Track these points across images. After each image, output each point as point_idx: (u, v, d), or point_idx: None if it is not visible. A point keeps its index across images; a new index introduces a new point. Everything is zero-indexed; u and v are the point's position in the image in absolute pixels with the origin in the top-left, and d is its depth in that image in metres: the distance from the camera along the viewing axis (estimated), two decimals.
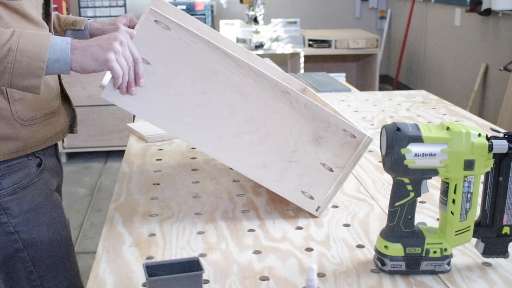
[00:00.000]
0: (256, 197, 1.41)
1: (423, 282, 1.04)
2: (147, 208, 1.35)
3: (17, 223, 1.33)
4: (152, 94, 1.20)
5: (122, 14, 4.71)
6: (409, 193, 1.04)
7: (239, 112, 1.22)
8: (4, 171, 1.31)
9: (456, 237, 1.05)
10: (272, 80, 1.20)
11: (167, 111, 1.22)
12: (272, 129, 1.24)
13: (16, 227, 1.33)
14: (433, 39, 5.54)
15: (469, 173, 1.01)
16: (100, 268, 1.09)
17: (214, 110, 1.22)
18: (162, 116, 1.22)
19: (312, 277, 0.82)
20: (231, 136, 1.23)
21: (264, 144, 1.25)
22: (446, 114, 2.14)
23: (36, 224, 1.35)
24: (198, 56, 1.18)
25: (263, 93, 1.21)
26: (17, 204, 1.33)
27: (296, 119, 1.23)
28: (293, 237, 1.21)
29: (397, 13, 6.48)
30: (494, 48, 4.37)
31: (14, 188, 1.32)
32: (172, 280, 0.91)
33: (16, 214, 1.33)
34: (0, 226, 1.32)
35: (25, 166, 1.34)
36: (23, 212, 1.33)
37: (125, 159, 1.70)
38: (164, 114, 1.22)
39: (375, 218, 1.30)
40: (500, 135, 1.04)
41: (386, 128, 1.02)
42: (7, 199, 1.31)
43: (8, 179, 1.31)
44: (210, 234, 1.22)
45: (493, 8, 4.15)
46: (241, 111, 1.22)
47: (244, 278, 1.05)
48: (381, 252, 1.06)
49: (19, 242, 1.34)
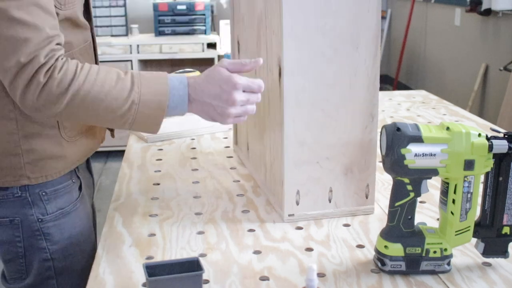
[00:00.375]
0: (256, 197, 1.41)
1: (423, 282, 1.04)
2: (147, 208, 1.35)
3: (54, 250, 1.28)
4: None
5: (122, 14, 4.71)
6: (409, 193, 1.04)
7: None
8: (50, 195, 1.26)
9: (456, 237, 1.05)
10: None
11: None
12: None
13: (52, 254, 1.28)
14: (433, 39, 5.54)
15: (469, 173, 1.01)
16: (100, 268, 1.09)
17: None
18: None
19: (312, 277, 0.82)
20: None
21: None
22: (446, 114, 2.14)
23: (72, 252, 1.30)
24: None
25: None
26: (59, 231, 1.27)
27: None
28: (293, 237, 1.21)
29: (397, 13, 6.47)
30: (494, 48, 4.37)
31: (58, 214, 1.27)
32: (172, 280, 0.91)
33: (56, 241, 1.27)
34: (38, 251, 1.27)
35: (69, 191, 1.29)
36: (63, 239, 1.28)
37: (125, 159, 1.70)
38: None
39: (375, 218, 1.29)
40: (500, 135, 1.04)
41: (386, 128, 1.02)
42: (49, 225, 1.26)
43: (53, 204, 1.26)
44: (210, 234, 1.22)
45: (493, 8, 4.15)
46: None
47: (244, 278, 1.05)
48: (381, 252, 1.06)
49: (52, 270, 1.29)
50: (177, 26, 4.75)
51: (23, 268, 1.29)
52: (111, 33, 4.72)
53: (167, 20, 4.73)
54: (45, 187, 1.24)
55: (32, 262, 1.27)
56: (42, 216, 1.25)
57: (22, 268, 1.29)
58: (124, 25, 4.75)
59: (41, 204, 1.25)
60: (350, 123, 1.25)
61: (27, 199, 1.24)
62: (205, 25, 4.78)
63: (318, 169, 1.26)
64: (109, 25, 4.71)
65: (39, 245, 1.26)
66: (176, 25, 4.75)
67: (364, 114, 1.25)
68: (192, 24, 4.76)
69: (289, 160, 1.24)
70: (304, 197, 1.27)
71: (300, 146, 1.24)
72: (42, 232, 1.26)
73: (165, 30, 4.74)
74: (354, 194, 1.29)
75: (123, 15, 4.73)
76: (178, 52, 4.51)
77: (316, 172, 1.26)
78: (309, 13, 1.17)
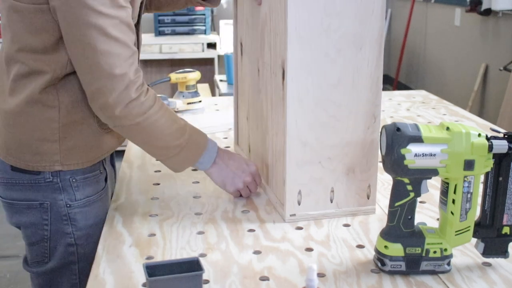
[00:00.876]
0: (256, 197, 1.41)
1: (423, 282, 1.04)
2: (147, 208, 1.35)
3: (79, 236, 1.33)
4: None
5: None
6: (409, 193, 1.04)
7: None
8: (80, 183, 1.32)
9: (456, 237, 1.05)
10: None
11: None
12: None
13: (77, 239, 1.33)
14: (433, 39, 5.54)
15: (469, 173, 1.01)
16: (100, 268, 1.09)
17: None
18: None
19: (312, 277, 0.82)
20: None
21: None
22: (446, 114, 2.14)
23: (95, 239, 1.32)
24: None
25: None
26: (84, 217, 1.33)
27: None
28: (293, 237, 1.21)
29: (397, 13, 6.47)
30: (494, 48, 4.37)
31: (85, 201, 1.33)
32: (172, 280, 0.91)
33: (81, 227, 1.33)
34: (64, 236, 1.32)
35: (98, 181, 1.35)
36: (87, 227, 1.34)
37: (125, 159, 1.70)
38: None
39: (375, 218, 1.29)
40: (500, 135, 1.04)
41: (386, 128, 1.02)
42: (76, 211, 1.32)
43: (82, 191, 1.32)
44: (210, 234, 1.22)
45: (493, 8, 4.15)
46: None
47: (244, 278, 1.05)
48: (381, 252, 1.06)
49: (75, 255, 1.34)
50: (177, 26, 4.75)
51: (47, 251, 1.34)
52: None
53: (167, 20, 4.73)
54: (76, 174, 1.31)
55: (57, 246, 1.33)
56: (71, 202, 1.31)
57: (46, 251, 1.34)
58: None
59: (71, 190, 1.31)
60: (352, 123, 1.25)
61: (58, 184, 1.30)
62: (205, 25, 4.78)
63: (320, 169, 1.26)
64: None
65: (65, 230, 1.32)
66: (176, 25, 4.75)
67: (367, 115, 1.25)
68: (192, 24, 4.76)
69: (291, 160, 1.24)
70: (306, 197, 1.27)
71: (303, 146, 1.24)
72: (69, 217, 1.32)
73: (165, 30, 4.74)
74: (355, 195, 1.29)
75: None
76: (178, 52, 4.50)
77: (318, 172, 1.26)
78: (313, 14, 1.17)
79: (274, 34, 1.27)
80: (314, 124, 1.23)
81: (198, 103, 2.17)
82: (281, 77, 1.23)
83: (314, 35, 1.18)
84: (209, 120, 2.03)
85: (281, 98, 1.25)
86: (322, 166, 1.26)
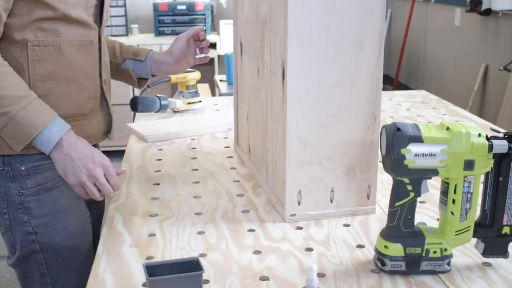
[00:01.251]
0: (256, 197, 1.41)
1: (423, 282, 1.04)
2: (147, 208, 1.35)
3: (36, 224, 1.32)
4: None
5: (122, 14, 4.71)
6: (409, 193, 1.04)
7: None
8: (30, 171, 1.30)
9: (456, 237, 1.05)
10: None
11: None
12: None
13: (35, 228, 1.32)
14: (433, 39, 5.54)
15: (469, 173, 1.01)
16: (100, 268, 1.09)
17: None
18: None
19: (312, 277, 0.82)
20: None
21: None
22: (446, 114, 2.14)
23: (56, 227, 1.34)
24: None
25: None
26: (39, 205, 1.32)
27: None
28: (293, 237, 1.21)
29: (397, 13, 6.47)
30: (494, 48, 4.37)
31: (38, 189, 1.32)
32: (172, 280, 0.91)
33: (37, 215, 1.32)
34: (21, 225, 1.32)
35: (52, 168, 1.29)
36: (44, 214, 1.32)
37: (125, 159, 1.70)
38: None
39: (375, 218, 1.29)
40: (500, 135, 1.04)
41: (386, 128, 1.02)
42: (29, 199, 1.31)
43: (33, 179, 1.31)
44: (210, 234, 1.22)
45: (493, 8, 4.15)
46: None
47: (244, 278, 1.05)
48: (381, 252, 1.06)
49: (37, 244, 1.34)
50: (177, 26, 4.74)
51: (12, 241, 1.35)
52: (111, 33, 4.72)
53: (167, 20, 4.73)
54: (25, 162, 1.29)
55: (17, 235, 1.33)
56: (23, 190, 1.30)
57: (11, 241, 1.35)
58: (124, 25, 4.75)
59: (21, 178, 1.30)
60: (352, 123, 1.25)
61: (9, 173, 1.29)
62: (205, 25, 4.78)
63: (320, 169, 1.26)
64: (109, 25, 4.71)
65: (21, 219, 1.31)
66: (176, 25, 4.75)
67: (367, 115, 1.25)
68: (192, 24, 4.76)
69: (291, 160, 1.24)
70: (306, 197, 1.27)
71: (303, 146, 1.24)
72: (23, 206, 1.31)
73: (165, 30, 4.74)
74: (355, 195, 1.29)
75: (123, 15, 4.73)
76: None
77: (318, 172, 1.26)
78: (313, 14, 1.17)
79: (274, 34, 1.27)
80: (314, 124, 1.23)
81: (198, 103, 2.17)
82: (281, 77, 1.23)
83: (314, 35, 1.18)
84: (209, 120, 2.04)
85: (281, 98, 1.25)
86: (322, 166, 1.26)
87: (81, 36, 1.34)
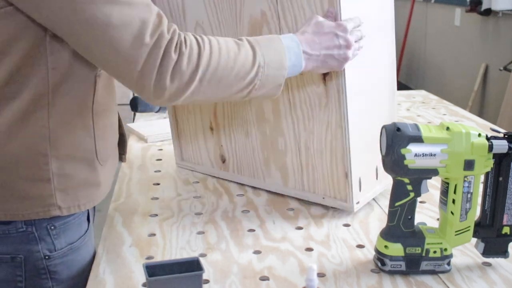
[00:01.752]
0: (256, 197, 1.41)
1: (423, 282, 1.04)
2: (147, 208, 1.35)
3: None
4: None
5: None
6: (409, 193, 1.04)
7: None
8: (60, 229, 1.09)
9: (456, 237, 1.05)
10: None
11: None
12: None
13: None
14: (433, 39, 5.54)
15: (469, 173, 1.01)
16: (100, 268, 1.09)
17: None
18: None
19: (312, 277, 0.82)
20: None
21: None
22: (446, 114, 2.14)
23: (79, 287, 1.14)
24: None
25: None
26: (67, 267, 1.11)
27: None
28: (293, 237, 1.21)
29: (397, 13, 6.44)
30: (494, 48, 4.37)
31: (67, 250, 1.11)
32: (172, 280, 0.91)
33: (63, 279, 1.11)
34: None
35: (79, 222, 1.13)
36: (70, 278, 1.12)
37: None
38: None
39: (375, 218, 1.29)
40: (500, 135, 1.04)
41: (386, 128, 1.02)
42: (57, 262, 1.10)
43: (62, 238, 1.10)
44: (210, 234, 1.22)
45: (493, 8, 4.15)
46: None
47: (244, 278, 1.05)
48: (381, 252, 1.06)
49: None
50: None
51: None
52: None
53: None
54: (54, 220, 1.08)
55: None
56: (50, 253, 1.09)
57: None
58: None
59: (49, 239, 1.09)
60: (388, 107, 1.39)
61: (33, 234, 1.07)
62: None
63: (369, 153, 1.30)
64: None
65: (43, 285, 1.10)
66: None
67: (393, 97, 1.42)
68: None
69: (355, 150, 1.27)
70: (363, 181, 1.31)
71: (359, 135, 1.28)
72: (48, 271, 1.10)
73: None
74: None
75: None
76: None
77: (368, 156, 1.31)
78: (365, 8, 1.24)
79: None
80: (362, 111, 1.28)
81: None
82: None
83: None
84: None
85: (321, 95, 1.26)
86: (371, 149, 1.28)
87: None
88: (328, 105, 1.26)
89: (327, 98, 1.26)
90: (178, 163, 1.63)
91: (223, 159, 1.53)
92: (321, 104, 1.28)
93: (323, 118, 1.28)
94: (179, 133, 1.62)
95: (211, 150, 1.55)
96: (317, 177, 1.35)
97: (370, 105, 1.31)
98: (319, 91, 1.27)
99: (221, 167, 1.54)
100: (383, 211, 1.33)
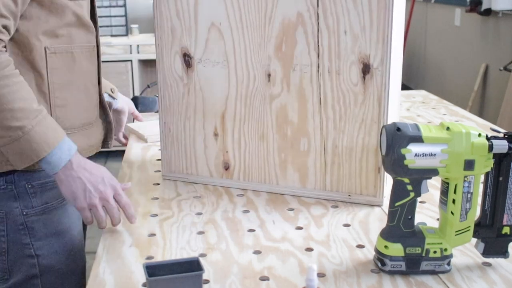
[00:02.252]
0: (256, 197, 1.41)
1: (423, 282, 1.04)
2: (147, 208, 1.35)
3: (39, 246, 1.24)
4: None
5: (122, 14, 4.71)
6: (409, 193, 1.04)
7: None
8: (37, 189, 1.23)
9: (456, 237, 1.05)
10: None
11: None
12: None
13: (37, 250, 1.24)
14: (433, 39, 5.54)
15: (469, 173, 1.01)
16: (100, 268, 1.09)
17: None
18: None
19: (312, 277, 0.82)
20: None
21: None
22: (446, 114, 2.14)
23: (57, 250, 1.26)
24: None
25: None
26: (44, 225, 1.24)
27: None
28: (293, 237, 1.21)
29: None
30: (494, 48, 4.37)
31: (43, 208, 1.24)
32: (172, 280, 0.91)
33: (41, 236, 1.24)
34: (22, 247, 1.23)
35: (57, 186, 1.20)
36: (48, 235, 1.25)
37: (125, 159, 1.70)
38: None
39: (375, 218, 1.30)
40: (500, 135, 1.04)
41: (386, 128, 1.02)
42: (34, 219, 1.23)
43: (39, 198, 1.23)
44: (210, 234, 1.22)
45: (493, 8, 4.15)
46: None
47: (244, 278, 1.05)
48: (381, 252, 1.06)
49: (36, 268, 1.25)
50: None
51: (6, 266, 1.25)
52: (111, 33, 4.72)
53: None
54: (31, 179, 1.22)
55: (14, 258, 1.24)
56: (27, 209, 1.22)
57: (5, 266, 1.25)
58: (124, 25, 4.75)
59: (27, 197, 1.22)
60: (397, 105, 1.47)
61: (13, 191, 1.21)
62: None
63: None
64: (109, 25, 4.71)
65: (22, 240, 1.23)
66: None
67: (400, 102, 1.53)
68: None
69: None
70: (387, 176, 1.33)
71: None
72: (26, 226, 1.22)
73: None
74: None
75: (123, 15, 4.73)
76: None
77: None
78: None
79: (332, 32, 1.28)
80: (391, 108, 1.32)
81: None
82: (361, 72, 1.27)
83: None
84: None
85: (359, 94, 1.29)
86: None
87: (87, 41, 1.31)
88: (365, 102, 1.29)
89: (364, 95, 1.28)
90: (164, 175, 1.54)
91: (227, 166, 1.47)
92: (356, 102, 1.30)
93: (358, 116, 1.30)
94: (171, 142, 1.53)
95: (211, 158, 1.49)
96: (342, 175, 1.35)
97: (392, 101, 1.34)
98: (356, 89, 1.29)
99: (222, 175, 1.49)
100: (383, 211, 1.33)
